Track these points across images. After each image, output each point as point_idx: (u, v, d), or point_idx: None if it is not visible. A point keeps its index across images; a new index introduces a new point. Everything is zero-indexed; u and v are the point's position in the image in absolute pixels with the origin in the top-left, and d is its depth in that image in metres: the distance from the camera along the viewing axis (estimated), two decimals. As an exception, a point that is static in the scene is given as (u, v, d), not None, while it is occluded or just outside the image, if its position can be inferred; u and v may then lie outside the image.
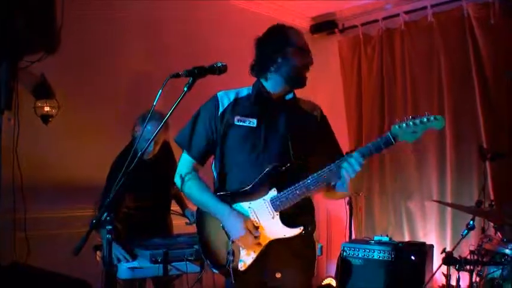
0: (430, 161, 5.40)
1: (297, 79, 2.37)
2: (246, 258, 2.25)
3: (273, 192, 2.23)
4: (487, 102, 4.96)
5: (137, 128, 3.77)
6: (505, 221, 3.80)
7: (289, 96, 2.42)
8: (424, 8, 5.37)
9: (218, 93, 2.42)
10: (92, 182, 3.92)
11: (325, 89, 5.73)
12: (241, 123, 2.32)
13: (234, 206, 2.28)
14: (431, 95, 5.38)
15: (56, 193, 4.08)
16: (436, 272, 3.78)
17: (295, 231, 2.22)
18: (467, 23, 5.05)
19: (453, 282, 3.65)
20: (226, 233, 2.28)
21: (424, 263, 4.04)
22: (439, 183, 5.32)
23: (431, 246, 4.31)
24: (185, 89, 2.16)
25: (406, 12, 5.55)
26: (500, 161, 4.38)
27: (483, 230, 4.25)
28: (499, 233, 4.00)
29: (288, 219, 2.23)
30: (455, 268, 3.45)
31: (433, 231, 5.32)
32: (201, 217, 2.41)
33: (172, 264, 3.02)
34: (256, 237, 2.21)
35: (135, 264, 3.03)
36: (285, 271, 2.27)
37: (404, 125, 2.05)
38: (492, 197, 4.73)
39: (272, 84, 2.37)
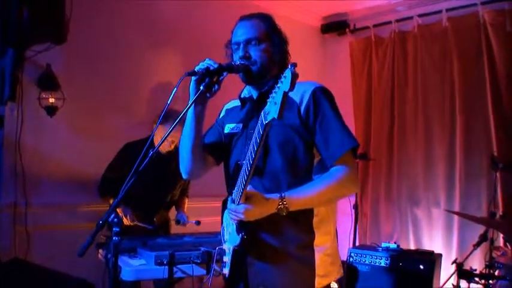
0: (439, 167, 5.31)
1: (241, 78, 2.13)
2: (227, 264, 2.10)
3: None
4: (500, 111, 4.87)
5: (154, 126, 3.80)
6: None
7: (256, 94, 2.15)
8: (439, 12, 5.27)
9: (228, 102, 2.37)
10: (95, 177, 3.86)
11: (334, 90, 5.58)
12: (229, 131, 2.21)
13: (225, 212, 2.14)
14: (442, 101, 5.29)
15: (59, 187, 4.00)
16: (445, 283, 3.69)
17: (238, 238, 1.97)
18: (482, 29, 4.96)
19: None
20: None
21: (433, 273, 3.94)
22: (447, 191, 5.23)
23: (440, 255, 4.21)
24: (201, 87, 1.99)
25: (420, 16, 5.45)
26: (511, 171, 4.30)
27: (492, 241, 4.16)
28: (508, 245, 3.93)
29: (240, 226, 1.97)
30: (466, 280, 3.37)
31: (439, 239, 5.23)
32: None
33: (178, 266, 2.93)
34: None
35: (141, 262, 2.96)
36: (269, 285, 2.00)
37: (270, 99, 1.63)
38: (501, 207, 4.65)
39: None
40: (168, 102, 1.98)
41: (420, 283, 3.94)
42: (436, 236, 5.26)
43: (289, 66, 1.57)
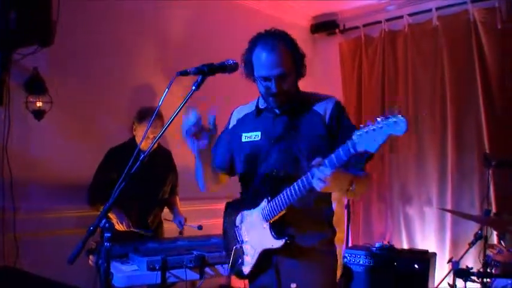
0: (431, 166, 5.30)
1: (269, 104, 2.28)
2: (248, 263, 2.27)
3: (264, 203, 2.20)
4: (491, 108, 4.87)
5: (135, 126, 3.79)
6: (507, 229, 3.72)
7: (280, 109, 2.29)
8: (429, 10, 5.26)
9: (234, 110, 2.49)
10: (85, 181, 3.79)
11: (324, 90, 5.53)
12: (247, 139, 2.33)
13: (240, 213, 2.35)
14: (433, 100, 5.28)
15: (48, 192, 3.91)
16: (441, 281, 3.67)
17: (280, 242, 2.14)
18: (473, 28, 4.96)
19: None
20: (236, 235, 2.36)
21: (428, 272, 3.92)
22: (439, 189, 5.22)
23: (434, 254, 4.20)
24: (193, 87, 2.00)
25: (410, 15, 5.45)
26: (504, 169, 4.29)
27: (486, 239, 4.15)
28: (502, 242, 3.91)
29: (277, 230, 2.16)
30: (462, 279, 3.35)
31: (432, 238, 5.22)
32: (224, 214, 2.49)
33: (171, 271, 2.88)
34: None
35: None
36: (301, 281, 2.17)
37: (365, 131, 1.75)
38: (494, 205, 4.65)
39: None
40: (160, 103, 1.95)
41: (415, 283, 3.92)
42: (429, 235, 5.25)
43: (401, 115, 1.66)
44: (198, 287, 3.06)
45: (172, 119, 1.97)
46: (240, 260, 2.29)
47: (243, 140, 2.35)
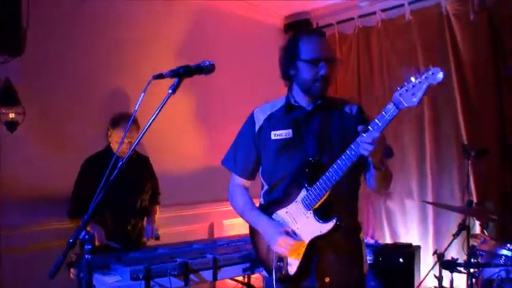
0: (410, 158, 5.31)
1: (311, 91, 2.34)
2: (293, 261, 2.27)
3: (303, 193, 2.25)
4: (467, 99, 4.89)
5: (110, 132, 3.72)
6: (490, 218, 3.74)
7: (311, 106, 2.38)
8: (401, 5, 5.28)
9: (254, 111, 2.52)
10: (63, 192, 3.72)
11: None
12: (277, 137, 2.38)
13: (274, 215, 2.36)
14: (409, 94, 5.27)
15: (26, 206, 3.83)
16: (428, 274, 3.67)
17: (329, 225, 2.18)
18: (445, 20, 4.97)
19: (445, 284, 3.54)
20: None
21: (413, 265, 3.93)
22: (419, 181, 5.23)
23: (418, 247, 4.20)
24: (170, 91, 1.95)
25: (383, 10, 5.46)
26: (483, 158, 4.31)
27: (468, 229, 4.18)
28: (486, 232, 3.94)
29: (322, 215, 2.21)
30: (448, 270, 3.35)
31: (414, 230, 5.22)
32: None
33: (155, 280, 2.82)
34: (296, 242, 2.23)
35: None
36: (333, 275, 2.24)
37: (405, 89, 1.93)
38: (474, 195, 4.68)
39: (297, 93, 2.41)
40: (136, 107, 1.90)
41: (402, 277, 3.92)
42: (411, 227, 5.24)
43: (438, 68, 1.88)
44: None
45: (150, 124, 1.92)
46: (283, 262, 2.31)
47: (273, 137, 2.39)
